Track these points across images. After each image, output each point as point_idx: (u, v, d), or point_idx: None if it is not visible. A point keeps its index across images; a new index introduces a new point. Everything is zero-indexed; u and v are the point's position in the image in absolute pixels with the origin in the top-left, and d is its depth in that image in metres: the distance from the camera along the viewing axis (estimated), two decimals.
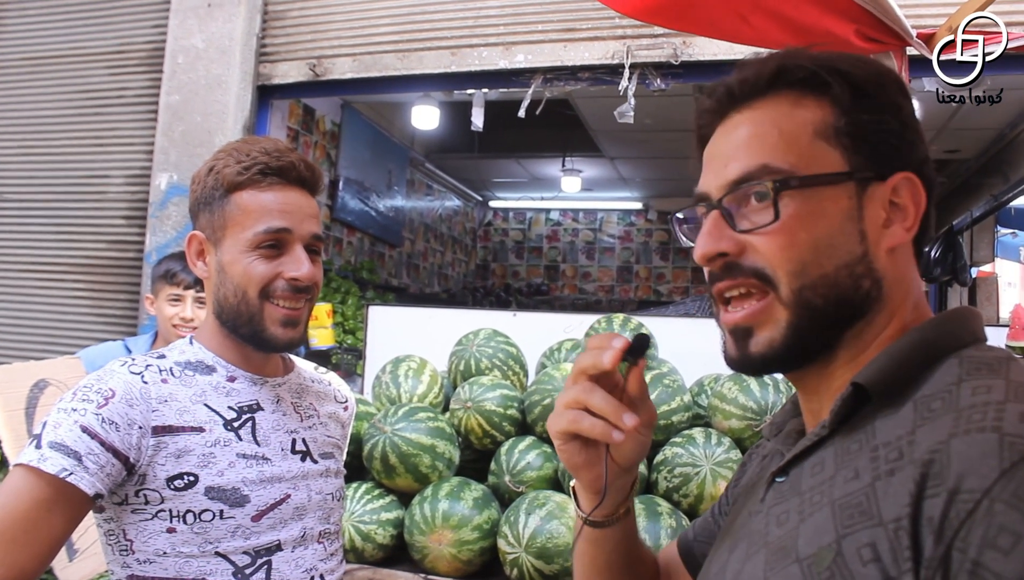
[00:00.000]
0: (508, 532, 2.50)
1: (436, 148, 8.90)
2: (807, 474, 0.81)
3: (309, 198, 1.48)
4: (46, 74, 5.11)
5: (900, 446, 0.72)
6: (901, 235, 0.84)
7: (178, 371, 1.42)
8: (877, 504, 0.70)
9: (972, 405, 0.70)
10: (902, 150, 0.85)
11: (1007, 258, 10.13)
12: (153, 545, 1.33)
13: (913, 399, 0.76)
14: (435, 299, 9.48)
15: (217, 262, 1.44)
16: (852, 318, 0.84)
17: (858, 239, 0.83)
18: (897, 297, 0.85)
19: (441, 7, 4.20)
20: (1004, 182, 6.66)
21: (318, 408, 1.60)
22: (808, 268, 0.82)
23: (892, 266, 0.84)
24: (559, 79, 3.99)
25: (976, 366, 0.76)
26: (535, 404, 2.76)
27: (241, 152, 1.44)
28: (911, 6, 3.18)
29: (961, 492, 0.64)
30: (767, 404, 2.62)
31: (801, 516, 0.77)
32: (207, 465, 1.35)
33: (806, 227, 0.82)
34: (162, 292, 2.85)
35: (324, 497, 1.52)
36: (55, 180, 5.01)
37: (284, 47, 4.57)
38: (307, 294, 1.46)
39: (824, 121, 0.85)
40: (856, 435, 0.78)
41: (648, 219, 11.05)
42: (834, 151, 0.84)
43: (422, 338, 3.40)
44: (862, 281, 0.83)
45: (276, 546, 1.41)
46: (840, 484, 0.75)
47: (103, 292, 4.83)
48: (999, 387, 0.71)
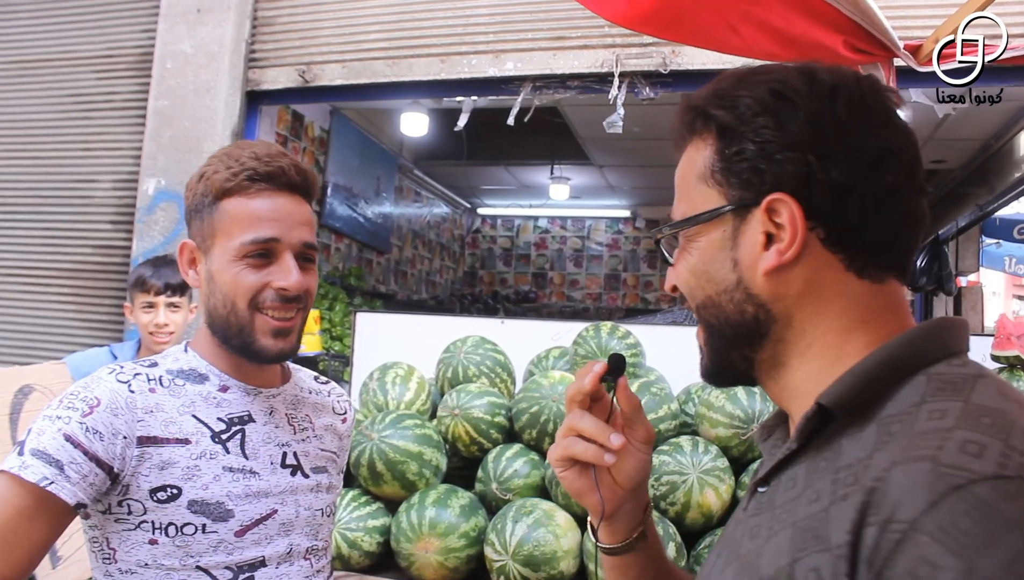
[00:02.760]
0: (495, 540, 2.49)
1: (425, 155, 8.90)
2: (782, 488, 0.82)
3: (301, 204, 1.43)
4: (34, 78, 5.09)
5: (857, 470, 0.72)
6: (774, 258, 0.84)
7: (168, 380, 1.39)
8: (828, 528, 0.70)
9: (924, 431, 0.70)
10: (767, 173, 0.84)
11: (992, 268, 10.21)
12: (135, 556, 1.31)
13: (877, 419, 0.76)
14: (423, 306, 9.46)
15: (207, 271, 1.40)
16: (751, 340, 0.88)
17: (730, 267, 0.87)
18: (806, 317, 0.85)
19: (431, 15, 4.21)
20: (989, 192, 6.71)
21: (314, 420, 1.56)
22: (694, 290, 0.91)
23: (779, 288, 0.85)
24: (548, 87, 4.00)
25: (941, 386, 0.75)
26: (522, 412, 2.75)
27: (231, 157, 1.40)
28: (899, 18, 3.21)
29: (892, 522, 0.64)
30: (754, 412, 2.62)
31: (770, 533, 0.78)
32: (191, 478, 1.32)
33: (686, 260, 0.92)
34: (136, 300, 2.85)
35: (313, 513, 1.49)
36: (42, 184, 4.99)
37: (273, 53, 4.57)
38: (298, 303, 1.41)
39: (704, 164, 0.89)
40: (825, 452, 0.79)
41: (636, 227, 11.07)
42: (711, 190, 0.88)
43: (410, 345, 3.40)
44: (744, 306, 0.87)
45: (260, 562, 1.38)
46: (803, 505, 0.76)
47: (89, 297, 4.81)
48: (953, 411, 0.71)
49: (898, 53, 2.33)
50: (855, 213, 0.82)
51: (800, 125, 0.83)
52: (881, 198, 0.83)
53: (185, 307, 2.92)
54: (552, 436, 2.72)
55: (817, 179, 0.82)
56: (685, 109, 0.92)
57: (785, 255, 0.83)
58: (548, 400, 2.71)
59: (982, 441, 0.66)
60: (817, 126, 0.83)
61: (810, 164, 0.82)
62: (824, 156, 0.82)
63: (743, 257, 0.86)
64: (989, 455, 0.65)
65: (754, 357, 0.88)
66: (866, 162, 0.83)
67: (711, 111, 0.88)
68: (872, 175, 0.82)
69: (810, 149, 0.82)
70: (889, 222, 0.84)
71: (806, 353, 0.85)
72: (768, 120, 0.84)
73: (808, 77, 0.86)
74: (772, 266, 0.84)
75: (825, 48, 2.25)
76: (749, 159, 0.84)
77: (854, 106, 0.84)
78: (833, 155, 0.82)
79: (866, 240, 0.84)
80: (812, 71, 0.87)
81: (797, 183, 0.82)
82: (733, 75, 0.90)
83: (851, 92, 0.85)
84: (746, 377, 0.91)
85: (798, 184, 0.82)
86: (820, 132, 0.83)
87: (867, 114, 0.85)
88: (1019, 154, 6.07)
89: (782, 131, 0.83)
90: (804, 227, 0.82)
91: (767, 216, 0.84)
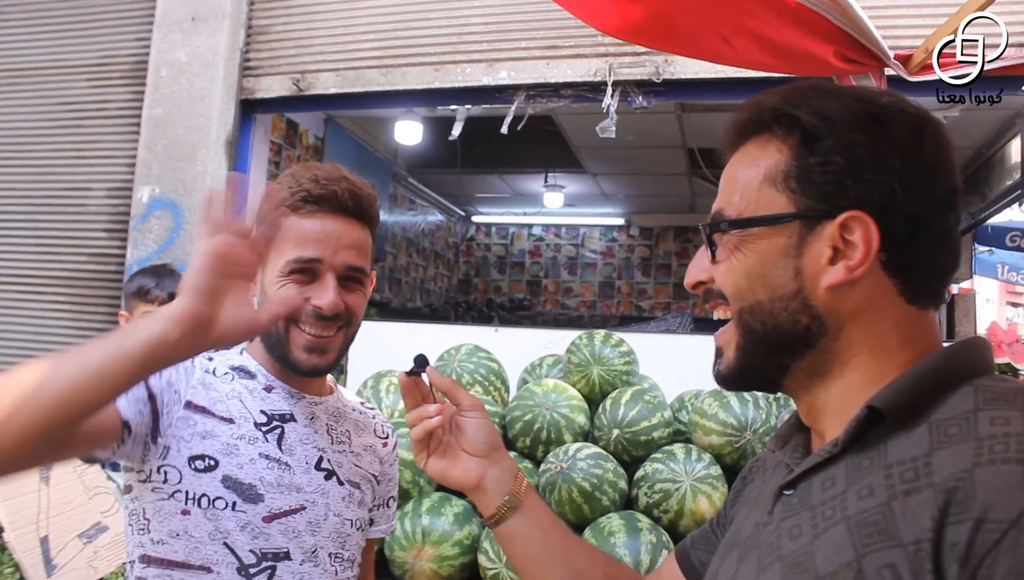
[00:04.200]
0: (489, 548, 2.50)
1: (419, 163, 8.90)
2: (817, 489, 0.84)
3: (353, 226, 1.47)
4: (27, 86, 5.09)
5: (916, 467, 0.74)
6: (842, 274, 0.85)
7: (221, 371, 1.47)
8: (895, 524, 0.72)
9: (992, 435, 0.72)
10: (852, 189, 0.85)
11: (984, 275, 10.24)
12: (168, 525, 1.35)
13: (928, 422, 0.78)
14: (417, 314, 9.45)
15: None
16: (795, 349, 0.89)
17: (792, 275, 0.88)
18: (855, 334, 0.87)
19: (425, 23, 4.22)
20: (981, 200, 6.74)
21: (353, 437, 1.59)
22: (743, 293, 0.91)
23: (836, 303, 0.87)
24: (542, 96, 4.01)
25: (992, 396, 0.78)
26: (516, 419, 2.76)
27: (295, 177, 1.46)
28: (889, 28, 3.23)
29: (988, 521, 0.67)
30: (747, 420, 2.63)
31: (815, 531, 0.80)
32: (229, 454, 1.38)
33: (742, 261, 0.91)
34: (136, 309, 2.81)
35: (343, 521, 1.51)
36: (36, 192, 4.98)
37: (268, 61, 4.58)
38: (337, 322, 1.45)
39: (776, 167, 0.89)
40: (868, 452, 0.81)
41: (630, 235, 11.08)
42: (780, 195, 0.89)
43: (404, 353, 3.39)
44: (798, 316, 0.88)
45: (285, 554, 1.41)
46: (854, 500, 0.78)
47: (83, 305, 4.80)
48: (1018, 419, 0.74)
49: (888, 63, 2.34)
50: (920, 244, 0.86)
51: (893, 150, 0.85)
52: (942, 234, 0.86)
53: None
54: (546, 444, 2.73)
55: (897, 206, 0.84)
56: (755, 106, 0.93)
57: (855, 273, 0.85)
58: (542, 408, 2.72)
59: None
60: (906, 155, 0.85)
61: (895, 190, 0.84)
62: (907, 186, 0.84)
63: (807, 267, 0.87)
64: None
65: (792, 365, 0.90)
66: (940, 199, 0.86)
67: (798, 114, 0.88)
68: (941, 211, 0.86)
69: (897, 176, 0.84)
70: (943, 257, 0.88)
71: (848, 365, 0.88)
72: (862, 138, 0.85)
73: (899, 105, 0.88)
74: (838, 281, 0.86)
75: (816, 58, 2.26)
76: (835, 172, 0.85)
77: (937, 144, 0.87)
78: (915, 186, 0.85)
79: (922, 271, 0.87)
80: (901, 100, 0.89)
81: (879, 205, 0.84)
82: (810, 86, 0.91)
83: (934, 130, 0.88)
84: (770, 383, 0.94)
85: (880, 207, 0.84)
86: (907, 161, 0.85)
87: (943, 154, 0.88)
88: (1011, 162, 6.09)
89: (875, 151, 0.85)
90: (877, 248, 0.85)
91: (840, 231, 0.85)
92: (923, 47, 2.33)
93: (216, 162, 4.50)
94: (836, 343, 0.88)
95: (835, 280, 0.85)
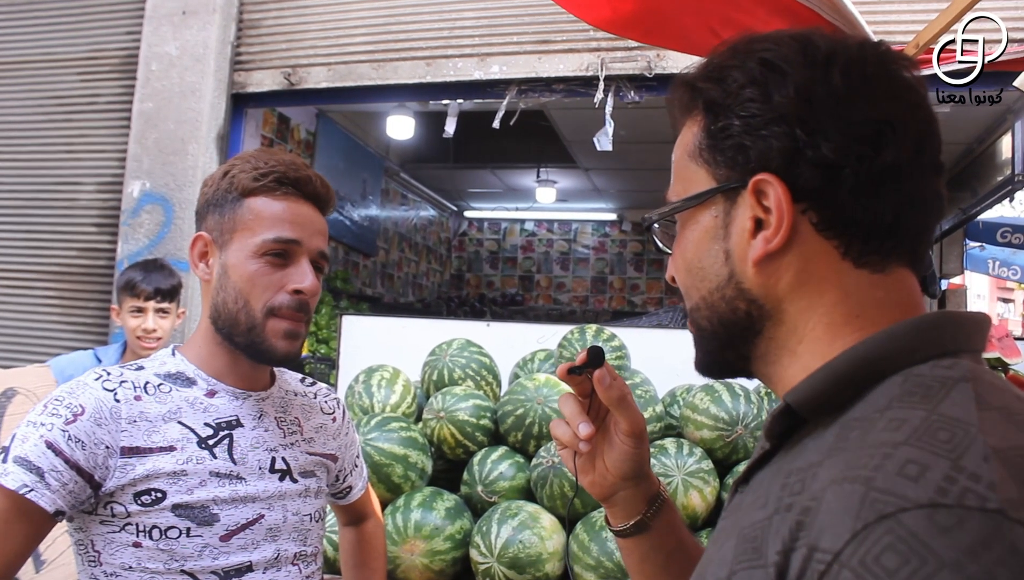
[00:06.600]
0: (480, 542, 2.50)
1: (411, 158, 8.90)
2: (751, 490, 0.76)
3: (320, 215, 1.47)
4: (16, 79, 5.07)
5: (805, 477, 0.65)
6: (761, 246, 0.75)
7: (153, 386, 1.39)
8: (766, 540, 0.64)
9: (873, 444, 0.61)
10: (751, 149, 0.75)
11: (975, 270, 10.30)
12: (119, 558, 1.31)
13: (841, 421, 0.69)
14: (409, 309, 9.45)
15: (221, 265, 1.42)
16: (745, 338, 0.80)
17: (723, 260, 0.79)
18: (797, 311, 0.76)
19: (416, 18, 4.21)
20: (972, 196, 6.77)
21: (303, 423, 1.56)
22: (690, 292, 0.83)
23: (768, 280, 0.76)
24: (534, 90, 4.02)
25: (913, 389, 0.66)
26: (508, 414, 2.76)
27: (259, 159, 1.44)
28: (880, 23, 3.23)
29: (817, 551, 0.58)
30: (738, 414, 2.64)
31: (725, 539, 0.72)
32: (176, 482, 1.32)
33: (682, 253, 0.83)
34: (125, 304, 2.83)
35: (301, 518, 1.49)
36: (25, 186, 4.97)
37: (259, 56, 4.57)
38: (308, 308, 1.45)
39: (692, 142, 0.81)
40: (792, 454, 0.72)
41: (622, 230, 11.10)
42: (700, 169, 0.80)
43: (396, 348, 3.40)
44: (736, 303, 0.78)
45: (247, 567, 1.38)
46: (748, 511, 0.70)
47: (73, 300, 4.79)
48: (912, 421, 0.62)
49: None
50: (848, 194, 0.73)
51: (788, 96, 0.74)
52: (878, 177, 0.73)
53: (173, 313, 2.91)
54: (537, 438, 2.73)
55: (805, 156, 0.73)
56: (676, 86, 0.85)
57: (772, 242, 0.74)
58: (533, 403, 2.72)
59: (925, 461, 0.57)
60: (807, 97, 0.74)
61: (797, 139, 0.73)
62: (814, 130, 0.73)
63: (734, 247, 0.77)
64: (929, 478, 0.56)
65: (749, 354, 0.81)
66: (861, 137, 0.73)
67: (699, 84, 0.80)
68: (867, 151, 0.72)
69: (798, 122, 0.73)
70: (888, 203, 0.74)
71: (796, 350, 0.77)
72: (755, 92, 0.75)
73: (802, 44, 0.77)
74: (760, 255, 0.75)
75: None
76: (734, 135, 0.76)
77: (852, 75, 0.74)
78: (824, 129, 0.73)
79: (862, 223, 0.74)
80: (808, 38, 0.77)
81: (783, 161, 0.74)
82: (728, 46, 0.81)
83: (850, 60, 0.75)
84: (741, 372, 0.85)
85: (784, 162, 0.74)
86: (810, 104, 0.74)
87: (866, 84, 0.75)
88: (1001, 158, 6.11)
89: (768, 103, 0.74)
90: (791, 210, 0.74)
91: (755, 199, 0.75)
92: (914, 42, 2.33)
93: (207, 157, 4.49)
94: (781, 327, 0.77)
95: (757, 254, 0.75)
